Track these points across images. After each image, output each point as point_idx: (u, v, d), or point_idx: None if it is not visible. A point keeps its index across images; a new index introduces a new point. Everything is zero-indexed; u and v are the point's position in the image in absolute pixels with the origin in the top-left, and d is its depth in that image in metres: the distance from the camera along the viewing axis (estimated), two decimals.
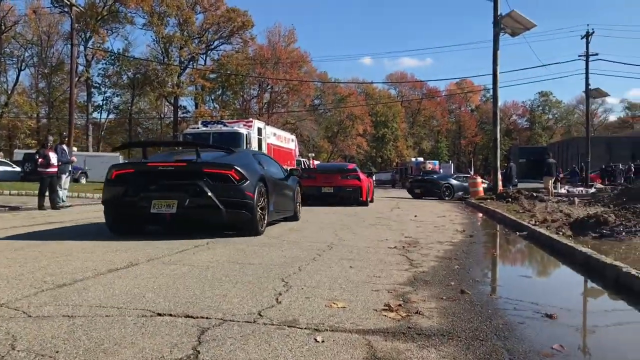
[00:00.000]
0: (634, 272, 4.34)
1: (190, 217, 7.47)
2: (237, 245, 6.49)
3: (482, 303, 3.82)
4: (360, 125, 71.64)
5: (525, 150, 76.77)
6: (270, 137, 25.07)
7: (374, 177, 21.28)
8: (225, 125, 22.43)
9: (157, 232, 7.97)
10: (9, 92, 50.91)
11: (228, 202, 7.30)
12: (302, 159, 33.18)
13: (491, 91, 22.77)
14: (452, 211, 14.60)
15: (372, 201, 18.17)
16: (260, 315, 3.30)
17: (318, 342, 2.81)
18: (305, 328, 3.06)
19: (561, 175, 38.98)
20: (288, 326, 3.08)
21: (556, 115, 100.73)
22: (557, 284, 5.31)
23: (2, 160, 32.60)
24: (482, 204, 15.93)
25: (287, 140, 29.10)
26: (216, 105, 58.95)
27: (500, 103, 23.03)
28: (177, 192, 7.24)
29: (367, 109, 75.37)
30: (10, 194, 19.11)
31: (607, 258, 5.09)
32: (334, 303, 3.64)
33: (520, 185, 32.06)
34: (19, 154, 36.81)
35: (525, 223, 9.30)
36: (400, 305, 3.64)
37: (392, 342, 2.86)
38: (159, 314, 3.26)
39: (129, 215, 7.64)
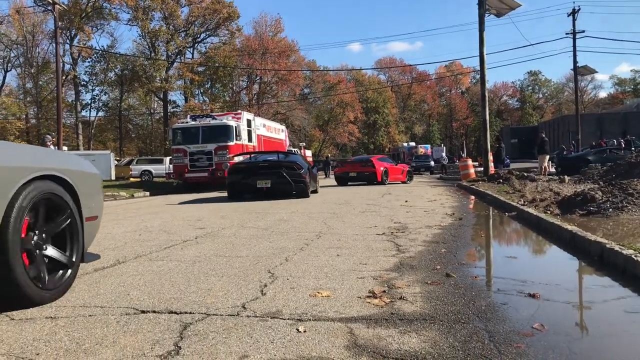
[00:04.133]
0: (617, 247, 4.37)
1: (276, 189, 13.81)
2: (226, 239, 6.49)
3: (467, 285, 3.84)
4: (351, 113, 71.49)
5: (517, 130, 77.00)
6: (260, 129, 25.04)
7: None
8: (214, 119, 22.39)
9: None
10: None
11: (295, 180, 13.82)
12: (293, 149, 33.12)
13: (479, 73, 22.70)
14: (443, 195, 14.63)
15: (407, 182, 24.31)
16: (244, 307, 3.31)
17: (300, 332, 2.82)
18: (289, 319, 3.07)
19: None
20: (271, 317, 3.09)
21: (546, 94, 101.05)
22: (543, 262, 5.34)
23: None
24: (473, 186, 15.98)
25: (277, 131, 29.08)
26: (206, 99, 58.58)
27: (489, 84, 23.29)
28: (269, 176, 13.82)
29: (357, 96, 75.25)
30: None
31: (591, 235, 5.13)
32: (319, 292, 3.65)
33: (513, 166, 32.24)
34: None
35: (514, 203, 9.33)
36: (384, 291, 3.66)
37: (374, 329, 2.87)
38: (143, 311, 3.27)
39: (242, 189, 14.17)
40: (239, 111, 25.71)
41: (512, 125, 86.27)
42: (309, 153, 42.90)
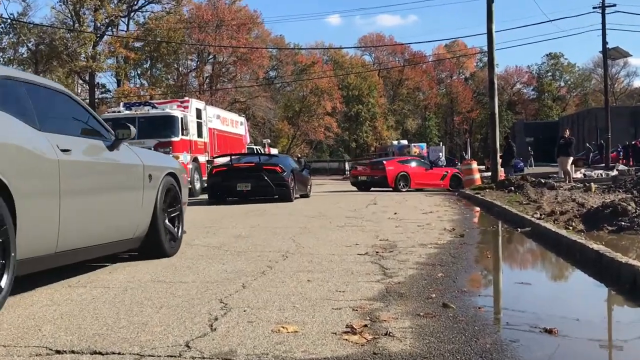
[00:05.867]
0: None
1: (257, 192, 16.73)
2: (167, 260, 6.43)
3: (468, 319, 3.88)
4: (329, 102, 71.48)
5: (533, 126, 78.07)
6: (212, 120, 24.95)
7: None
8: (154, 107, 22.21)
9: None
10: None
11: (276, 183, 16.58)
12: (255, 147, 33.06)
13: (487, 55, 22.97)
14: (441, 205, 14.78)
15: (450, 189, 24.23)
16: (188, 346, 3.28)
17: None
18: None
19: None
20: (222, 359, 3.07)
21: (569, 83, 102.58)
22: (563, 290, 5.42)
23: None
24: (478, 195, 16.17)
25: (234, 124, 29.02)
26: (144, 82, 58.31)
27: (499, 69, 23.54)
28: (250, 179, 16.69)
29: (336, 81, 75.39)
30: None
31: (622, 256, 5.21)
32: (284, 327, 3.65)
33: (527, 170, 32.68)
34: None
35: (529, 217, 9.46)
36: (365, 325, 3.67)
37: None
38: (58, 352, 3.22)
39: (223, 192, 17.12)
40: (187, 98, 25.59)
41: (526, 120, 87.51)
42: (274, 152, 42.84)
